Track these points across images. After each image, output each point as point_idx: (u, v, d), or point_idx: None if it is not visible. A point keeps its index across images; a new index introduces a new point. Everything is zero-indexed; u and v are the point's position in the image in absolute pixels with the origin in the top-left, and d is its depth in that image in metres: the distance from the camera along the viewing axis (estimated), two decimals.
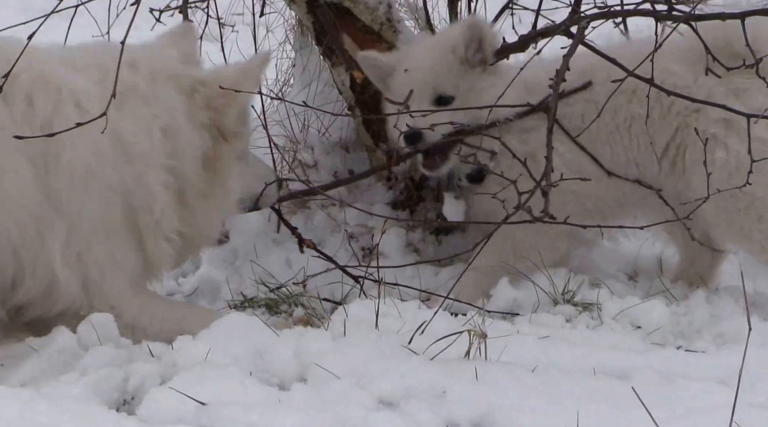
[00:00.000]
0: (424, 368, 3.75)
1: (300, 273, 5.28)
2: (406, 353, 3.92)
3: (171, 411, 3.46)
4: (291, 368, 3.82)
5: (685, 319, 4.79)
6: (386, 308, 4.30)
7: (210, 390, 3.54)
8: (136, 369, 3.74)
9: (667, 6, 4.60)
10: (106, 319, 4.26)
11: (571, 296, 4.93)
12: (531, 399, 3.62)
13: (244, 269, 5.35)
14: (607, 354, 4.12)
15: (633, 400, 3.45)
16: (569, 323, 4.71)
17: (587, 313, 4.80)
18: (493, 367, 3.84)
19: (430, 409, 3.51)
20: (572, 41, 4.47)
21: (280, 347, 3.90)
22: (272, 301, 5.01)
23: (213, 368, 3.73)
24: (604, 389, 3.73)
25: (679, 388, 3.80)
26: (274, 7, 6.39)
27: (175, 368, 3.78)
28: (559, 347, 4.14)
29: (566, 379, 3.79)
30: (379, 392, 3.59)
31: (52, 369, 3.97)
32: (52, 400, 3.43)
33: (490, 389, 3.66)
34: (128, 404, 3.66)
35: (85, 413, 3.42)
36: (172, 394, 3.50)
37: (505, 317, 4.76)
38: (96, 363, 3.88)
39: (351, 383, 3.65)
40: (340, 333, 4.11)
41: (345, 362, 3.78)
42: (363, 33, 5.57)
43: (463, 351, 3.91)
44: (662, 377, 3.87)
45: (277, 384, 3.78)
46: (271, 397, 3.60)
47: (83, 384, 3.64)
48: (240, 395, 3.57)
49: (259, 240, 5.53)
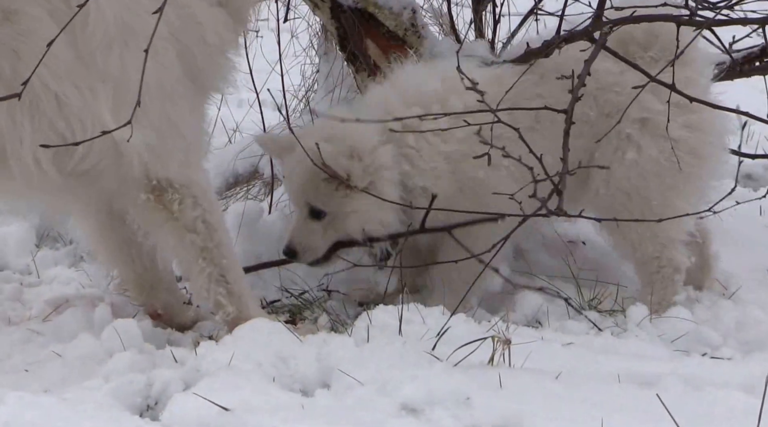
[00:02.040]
0: (447, 374, 3.74)
1: (323, 279, 5.28)
2: (430, 359, 3.91)
3: (194, 417, 3.46)
4: (314, 373, 3.82)
5: (710, 326, 4.77)
6: (409, 314, 4.29)
7: (233, 396, 3.54)
8: (160, 375, 3.75)
9: (689, 11, 4.58)
10: (130, 325, 4.28)
11: (597, 303, 4.92)
12: (555, 406, 3.61)
13: (268, 275, 5.35)
14: (632, 361, 4.11)
15: (658, 407, 3.44)
16: (593, 329, 4.70)
17: (612, 320, 4.79)
18: (517, 373, 3.83)
19: (454, 415, 3.50)
20: (594, 46, 4.45)
21: (303, 353, 3.90)
22: (296, 307, 5.01)
23: (236, 374, 3.73)
24: (628, 397, 3.71)
25: (704, 395, 3.78)
26: (299, 13, 6.40)
27: (198, 374, 3.78)
28: (583, 354, 4.13)
29: (591, 386, 3.78)
30: (403, 399, 3.58)
31: (75, 375, 3.99)
32: (75, 406, 3.44)
33: (514, 395, 3.65)
34: (152, 409, 3.66)
35: (108, 418, 3.43)
36: (195, 399, 3.50)
37: (530, 324, 4.75)
38: (119, 369, 3.89)
39: (374, 389, 3.64)
40: (363, 339, 4.11)
41: (368, 368, 3.78)
42: (387, 38, 5.57)
43: (486, 357, 3.90)
44: (687, 385, 3.85)
45: (300, 390, 3.78)
46: (294, 403, 3.60)
47: (107, 390, 3.65)
48: (263, 400, 3.57)
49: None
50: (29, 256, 5.68)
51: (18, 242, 5.77)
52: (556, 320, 4.81)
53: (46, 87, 4.07)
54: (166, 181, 4.30)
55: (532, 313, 4.88)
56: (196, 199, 4.35)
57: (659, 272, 4.98)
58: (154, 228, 4.42)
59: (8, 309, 4.92)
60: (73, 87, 4.10)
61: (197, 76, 4.40)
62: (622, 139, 4.86)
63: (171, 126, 4.27)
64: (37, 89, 4.04)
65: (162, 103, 4.24)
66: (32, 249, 5.79)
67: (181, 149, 4.32)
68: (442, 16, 6.02)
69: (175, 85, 4.30)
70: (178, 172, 4.31)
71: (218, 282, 4.40)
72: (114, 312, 4.70)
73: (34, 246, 5.85)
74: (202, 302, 4.53)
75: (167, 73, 4.26)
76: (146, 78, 4.08)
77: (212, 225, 4.39)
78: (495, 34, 5.92)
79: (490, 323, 4.36)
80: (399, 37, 5.57)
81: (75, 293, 5.13)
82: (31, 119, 4.09)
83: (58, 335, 4.51)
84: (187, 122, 4.33)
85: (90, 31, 4.08)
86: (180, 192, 4.33)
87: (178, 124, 4.29)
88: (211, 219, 4.39)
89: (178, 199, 4.32)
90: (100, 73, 4.08)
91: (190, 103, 4.36)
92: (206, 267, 4.39)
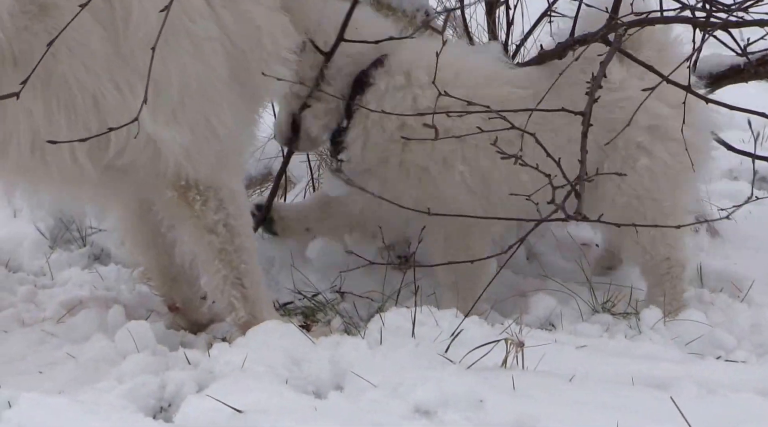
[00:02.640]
0: (460, 376, 3.73)
1: (337, 281, 5.28)
2: (443, 361, 3.91)
3: (207, 418, 3.46)
4: (327, 375, 3.82)
5: (724, 329, 4.76)
6: (423, 317, 4.28)
7: (246, 398, 3.54)
8: (173, 376, 3.75)
9: (705, 13, 4.56)
10: (143, 327, 4.29)
11: (611, 305, 4.91)
12: (568, 409, 3.60)
13: (281, 277, 5.35)
14: (646, 364, 4.10)
15: (672, 411, 3.43)
16: (607, 332, 4.69)
17: (625, 322, 4.78)
18: (531, 376, 3.82)
19: (467, 418, 3.49)
20: (609, 48, 4.44)
21: (316, 355, 3.90)
22: (309, 309, 5.01)
23: (249, 376, 3.73)
24: (642, 400, 3.70)
25: (718, 398, 3.77)
26: None
27: (211, 376, 3.78)
28: (597, 357, 4.12)
29: (604, 389, 3.77)
30: (416, 401, 3.57)
31: (88, 376, 3.99)
32: (88, 407, 3.45)
33: (527, 398, 3.64)
34: (165, 411, 3.66)
35: (121, 420, 3.43)
36: (208, 401, 3.50)
37: (543, 326, 4.74)
38: (133, 370, 3.90)
39: (387, 391, 3.64)
40: (376, 341, 4.11)
41: (381, 371, 3.77)
42: None
43: (500, 360, 3.89)
44: (702, 388, 3.83)
45: (313, 392, 3.77)
46: (307, 405, 3.60)
47: (120, 391, 3.66)
48: (276, 402, 3.57)
49: (296, 249, 5.53)
50: (43, 258, 5.69)
51: (32, 244, 5.78)
52: (569, 322, 4.80)
53: (83, 85, 4.09)
54: (193, 181, 4.31)
55: (545, 315, 4.87)
56: (222, 203, 4.36)
57: (669, 273, 4.98)
58: (177, 222, 4.44)
59: (22, 311, 4.93)
60: (110, 84, 4.11)
61: (247, 80, 4.38)
62: (632, 148, 4.86)
63: (208, 127, 4.26)
64: (73, 88, 4.07)
65: (201, 104, 4.24)
66: (46, 251, 5.80)
67: (215, 152, 4.31)
68: (456, 19, 6.01)
69: (219, 88, 4.29)
70: (207, 174, 4.31)
71: (233, 285, 4.41)
72: (127, 314, 4.71)
73: (48, 248, 5.86)
74: (216, 301, 4.52)
75: (211, 74, 4.25)
76: (188, 78, 4.14)
77: (235, 229, 4.39)
78: (508, 36, 5.91)
79: (503, 326, 4.35)
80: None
81: (89, 294, 5.13)
82: (68, 117, 4.10)
83: (72, 337, 4.52)
84: (226, 125, 4.30)
85: (132, 29, 4.09)
86: (204, 193, 4.33)
87: (216, 127, 4.28)
88: (234, 223, 4.39)
89: (201, 199, 4.33)
90: (140, 71, 4.06)
91: (233, 106, 4.34)
92: (222, 269, 4.40)
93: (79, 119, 4.11)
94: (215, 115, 4.27)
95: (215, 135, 4.28)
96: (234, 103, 4.34)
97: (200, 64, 4.19)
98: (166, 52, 4.09)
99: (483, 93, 4.67)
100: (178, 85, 4.17)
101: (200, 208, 4.34)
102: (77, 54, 4.06)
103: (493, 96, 4.69)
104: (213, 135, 4.28)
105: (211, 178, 4.33)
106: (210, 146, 4.29)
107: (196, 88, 4.19)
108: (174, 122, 4.16)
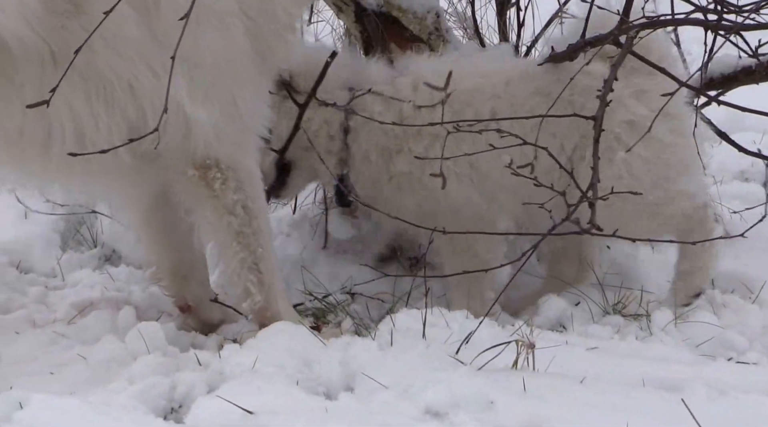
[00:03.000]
0: (471, 378, 3.73)
1: (347, 282, 5.29)
2: (453, 363, 3.90)
3: (218, 420, 3.46)
4: (338, 377, 3.82)
5: (736, 330, 4.75)
6: (433, 318, 4.28)
7: (257, 399, 3.54)
8: (184, 378, 3.75)
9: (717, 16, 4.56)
10: (154, 328, 4.29)
11: (621, 307, 4.90)
12: (579, 411, 3.60)
13: (292, 279, 5.36)
14: (657, 366, 4.09)
15: (683, 412, 3.42)
16: (618, 334, 4.68)
17: (636, 324, 4.77)
18: (541, 378, 3.82)
19: (477, 419, 3.49)
20: (621, 51, 4.44)
21: (327, 357, 3.90)
22: (319, 310, 5.01)
23: (260, 377, 3.73)
24: (653, 402, 3.70)
25: (729, 400, 3.76)
26: (322, 16, 6.41)
27: (222, 377, 3.79)
28: (607, 359, 4.11)
29: (615, 391, 3.76)
30: (426, 402, 3.57)
31: (99, 377, 4.00)
32: (99, 408, 3.45)
33: (538, 399, 3.64)
34: (176, 412, 3.67)
35: (132, 421, 3.44)
36: (219, 402, 3.50)
37: (554, 328, 4.73)
38: (144, 371, 3.90)
39: (398, 392, 3.64)
40: (387, 343, 4.11)
41: (392, 372, 3.77)
42: (411, 42, 5.56)
43: (510, 361, 3.89)
44: (713, 390, 3.82)
45: (323, 393, 3.77)
46: (317, 406, 3.60)
47: (131, 392, 3.66)
48: (287, 404, 3.57)
49: (307, 251, 5.54)
50: (54, 259, 5.71)
51: (43, 245, 5.80)
52: (580, 323, 4.80)
53: (119, 74, 4.12)
54: (215, 160, 4.32)
55: (556, 317, 4.87)
56: (241, 184, 4.37)
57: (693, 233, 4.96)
58: (196, 205, 4.45)
59: (33, 312, 4.94)
60: (146, 69, 4.14)
61: (265, 54, 4.40)
62: (611, 139, 4.83)
63: (233, 106, 4.29)
64: (110, 77, 4.11)
65: (229, 81, 4.27)
66: (57, 252, 5.82)
67: (238, 131, 4.34)
68: (466, 20, 6.01)
69: (244, 64, 4.32)
70: (228, 154, 4.33)
71: (250, 269, 4.42)
72: (138, 315, 4.72)
73: (59, 249, 5.88)
74: (232, 287, 4.52)
75: (236, 51, 4.29)
76: (216, 56, 4.15)
77: (252, 211, 4.40)
78: (519, 37, 5.91)
79: (513, 327, 4.35)
80: (423, 41, 5.57)
81: (99, 296, 5.15)
82: (106, 107, 4.13)
83: (83, 338, 4.53)
84: (248, 103, 4.33)
85: (163, 11, 4.11)
86: (225, 173, 4.34)
87: (240, 105, 4.31)
88: (252, 205, 4.40)
89: (221, 178, 4.34)
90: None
91: (255, 83, 4.38)
92: (240, 252, 4.40)
93: (117, 107, 4.15)
94: (240, 92, 4.31)
95: (239, 113, 4.31)
96: (254, 79, 4.38)
97: (226, 41, 4.22)
98: (198, 31, 4.11)
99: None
100: (210, 64, 4.19)
101: (220, 187, 4.35)
102: (112, 43, 4.09)
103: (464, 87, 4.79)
104: (237, 113, 4.31)
105: (231, 158, 4.34)
106: (234, 124, 4.31)
107: (225, 66, 4.22)
108: (207, 101, 4.18)
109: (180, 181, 4.40)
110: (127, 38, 4.09)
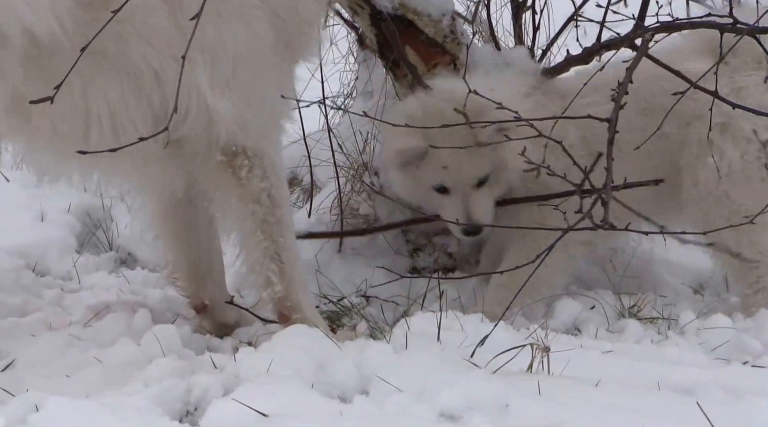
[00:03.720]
0: (486, 381, 3.73)
1: (362, 286, 5.29)
2: (468, 366, 3.90)
3: (233, 422, 3.47)
4: (352, 380, 3.82)
5: (751, 334, 4.73)
6: (448, 322, 4.28)
7: (272, 402, 3.54)
8: (199, 380, 3.75)
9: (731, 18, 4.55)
10: (169, 331, 4.30)
11: (637, 310, 4.90)
12: (594, 414, 3.59)
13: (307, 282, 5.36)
14: (672, 369, 4.08)
15: (698, 416, 3.42)
16: (633, 337, 4.67)
17: (651, 327, 4.76)
18: (556, 381, 3.81)
19: (493, 423, 3.49)
20: (636, 54, 4.43)
21: (341, 360, 3.90)
22: (334, 313, 5.02)
23: (275, 380, 3.73)
24: (668, 405, 3.69)
25: (744, 403, 3.75)
26: (338, 20, 6.41)
27: (237, 380, 3.79)
28: (622, 362, 4.11)
29: (630, 394, 3.76)
30: (441, 406, 3.57)
31: (115, 380, 4.00)
32: (115, 411, 3.46)
33: (553, 403, 3.64)
34: (191, 415, 3.67)
35: (148, 423, 3.44)
36: (234, 405, 3.50)
37: (569, 331, 4.73)
38: (159, 374, 3.90)
39: (413, 396, 3.64)
40: (402, 346, 4.11)
41: (407, 375, 3.77)
42: (426, 45, 5.56)
43: (525, 365, 3.89)
44: (728, 393, 3.82)
45: (338, 396, 3.77)
46: (332, 409, 3.60)
47: (146, 395, 3.67)
48: (302, 406, 3.58)
49: (321, 254, 5.55)
50: (70, 262, 5.73)
51: (59, 248, 5.82)
52: (595, 327, 4.79)
53: (148, 63, 4.16)
54: (241, 148, 4.34)
55: (571, 320, 4.87)
56: (266, 172, 4.39)
57: (759, 282, 4.95)
58: (221, 193, 4.46)
59: (49, 314, 4.95)
60: (171, 58, 4.16)
61: (287, 47, 4.43)
62: (704, 144, 4.84)
63: (258, 96, 4.31)
64: (140, 67, 4.14)
65: (252, 72, 4.29)
66: (73, 255, 5.84)
67: (262, 120, 4.36)
68: (482, 23, 6.01)
69: (268, 55, 4.34)
70: (254, 142, 4.35)
71: (272, 259, 4.43)
72: (154, 318, 4.73)
73: (75, 252, 5.90)
74: (253, 277, 4.53)
75: (259, 41, 4.31)
76: (240, 47, 4.18)
77: (276, 200, 4.41)
78: (534, 41, 5.91)
79: (528, 331, 4.35)
80: (438, 43, 5.57)
81: (115, 298, 5.16)
82: (135, 96, 4.17)
83: (99, 341, 4.54)
84: (272, 94, 4.35)
85: (187, 1, 4.12)
86: (251, 160, 4.36)
87: (264, 95, 4.33)
88: (276, 194, 4.42)
89: (248, 166, 4.36)
90: (198, 42, 4.06)
91: (278, 74, 4.41)
92: (263, 241, 4.42)
93: (143, 97, 4.18)
94: (263, 82, 4.33)
95: (263, 102, 4.34)
96: (278, 71, 4.40)
97: (249, 31, 4.25)
98: (219, 21, 4.15)
99: None
100: (232, 54, 4.22)
101: (246, 175, 4.36)
102: (144, 34, 4.13)
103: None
104: (262, 103, 4.33)
105: (258, 146, 4.36)
106: (258, 114, 4.33)
107: (247, 56, 4.25)
108: (228, 91, 4.20)
109: (206, 169, 4.41)
110: (157, 28, 4.13)
